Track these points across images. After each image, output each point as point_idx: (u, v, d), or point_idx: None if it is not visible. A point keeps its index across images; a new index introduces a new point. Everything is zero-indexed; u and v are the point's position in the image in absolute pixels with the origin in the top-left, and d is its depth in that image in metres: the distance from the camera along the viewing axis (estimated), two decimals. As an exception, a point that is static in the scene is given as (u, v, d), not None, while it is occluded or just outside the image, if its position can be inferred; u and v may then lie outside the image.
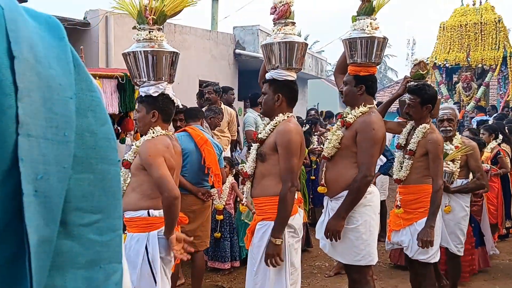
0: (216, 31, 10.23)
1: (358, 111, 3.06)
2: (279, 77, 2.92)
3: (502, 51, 12.05)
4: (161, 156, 2.58)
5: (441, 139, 3.49)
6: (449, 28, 12.70)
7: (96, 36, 6.56)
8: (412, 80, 3.69)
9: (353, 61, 3.12)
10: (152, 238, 2.61)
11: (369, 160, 2.97)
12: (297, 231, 2.87)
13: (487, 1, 12.81)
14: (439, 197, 3.33)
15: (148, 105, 2.70)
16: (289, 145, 2.77)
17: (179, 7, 2.73)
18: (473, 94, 12.36)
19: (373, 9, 3.12)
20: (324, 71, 16.48)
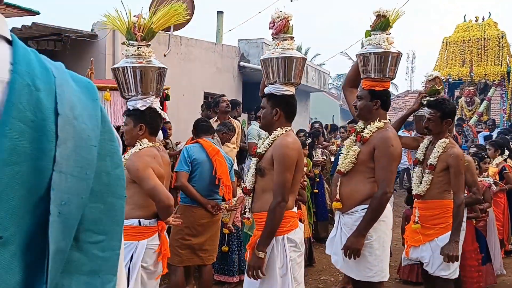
0: (221, 44, 10.28)
1: (374, 126, 3.05)
2: (277, 92, 2.92)
3: (506, 66, 12.10)
4: (149, 167, 2.65)
5: (462, 154, 3.49)
6: (452, 43, 12.76)
7: (103, 47, 6.60)
8: (427, 95, 3.69)
9: (368, 75, 3.12)
10: (141, 247, 2.68)
11: (389, 176, 2.97)
12: (298, 246, 2.86)
13: (490, 17, 12.90)
14: (461, 211, 3.33)
15: (135, 119, 2.78)
16: (283, 159, 2.76)
17: (167, 23, 2.83)
18: (475, 108, 12.39)
19: (388, 24, 3.14)
20: (326, 84, 16.53)
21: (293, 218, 2.88)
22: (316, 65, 17.24)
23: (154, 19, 2.75)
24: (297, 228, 2.88)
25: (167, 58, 7.81)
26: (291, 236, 2.81)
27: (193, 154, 3.95)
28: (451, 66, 12.66)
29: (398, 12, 3.16)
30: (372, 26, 3.18)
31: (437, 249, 3.36)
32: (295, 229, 2.84)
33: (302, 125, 13.66)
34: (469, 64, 12.50)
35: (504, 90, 12.21)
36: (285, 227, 2.80)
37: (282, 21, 2.98)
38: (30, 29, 5.87)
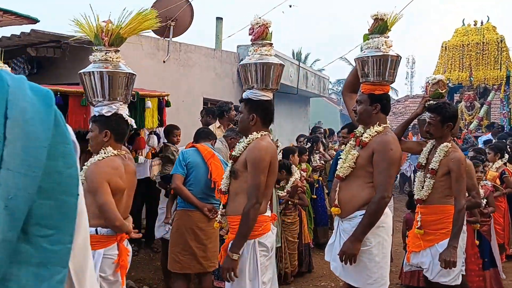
0: (220, 50, 10.30)
1: (373, 130, 3.03)
2: (254, 97, 2.96)
3: (505, 71, 12.09)
4: (105, 181, 2.61)
5: (464, 158, 3.46)
6: (451, 48, 12.76)
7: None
8: (431, 99, 3.67)
9: (367, 79, 3.11)
10: (98, 256, 2.64)
11: (387, 180, 2.93)
12: (269, 250, 2.86)
13: (489, 21, 12.89)
14: (462, 217, 3.30)
15: (100, 125, 2.76)
16: (257, 162, 2.79)
17: (137, 29, 2.83)
18: (475, 113, 12.37)
19: (387, 27, 3.13)
20: (326, 89, 16.54)
21: (265, 222, 2.88)
22: (316, 71, 17.26)
23: (123, 24, 2.74)
24: (269, 232, 2.89)
25: (166, 64, 7.82)
26: (263, 240, 2.82)
27: (188, 157, 3.96)
28: (451, 70, 12.65)
29: (396, 15, 3.14)
30: (370, 30, 3.18)
31: (437, 255, 3.32)
32: (267, 233, 2.85)
33: (302, 130, 13.66)
34: (469, 68, 12.50)
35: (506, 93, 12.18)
36: (256, 231, 2.81)
37: (260, 27, 3.02)
38: (29, 36, 5.88)
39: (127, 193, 2.81)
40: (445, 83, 3.83)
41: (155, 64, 7.65)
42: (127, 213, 2.90)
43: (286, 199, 5.17)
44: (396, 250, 6.55)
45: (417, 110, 3.77)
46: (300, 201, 5.32)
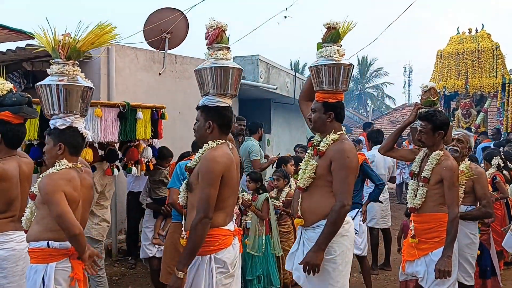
0: (216, 61, 10.33)
1: (330, 138, 3.02)
2: (210, 104, 2.82)
3: (501, 78, 12.14)
4: (60, 191, 2.58)
5: (456, 166, 3.44)
6: (446, 56, 12.83)
7: (97, 67, 6.63)
8: (423, 106, 3.67)
9: (321, 88, 3.09)
10: (50, 269, 2.61)
11: (346, 188, 2.92)
12: (227, 266, 2.71)
13: (483, 29, 12.98)
14: (455, 225, 3.27)
15: (55, 138, 2.74)
16: (206, 174, 2.65)
17: (95, 43, 2.82)
18: (472, 120, 12.41)
19: (339, 36, 3.12)
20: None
21: (223, 236, 2.73)
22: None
23: (81, 38, 2.74)
24: (228, 247, 2.74)
25: (162, 77, 7.85)
26: (219, 256, 2.68)
27: (181, 170, 3.90)
28: (446, 78, 12.71)
29: (349, 24, 3.13)
30: (323, 39, 3.15)
31: (432, 264, 3.30)
32: (225, 249, 2.71)
33: (299, 140, 13.68)
34: (464, 76, 12.56)
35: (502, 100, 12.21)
36: (212, 246, 2.67)
37: (215, 30, 2.90)
38: (25, 51, 5.91)
39: (83, 206, 2.78)
40: (437, 90, 3.83)
41: (151, 76, 7.67)
42: (83, 227, 2.83)
43: (281, 209, 5.15)
44: (395, 259, 6.52)
45: (409, 118, 3.77)
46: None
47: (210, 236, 2.67)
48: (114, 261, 6.40)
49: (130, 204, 6.36)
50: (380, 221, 6.35)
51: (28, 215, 2.76)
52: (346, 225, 3.00)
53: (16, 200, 3.14)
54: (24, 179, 3.20)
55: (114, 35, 2.89)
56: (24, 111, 3.16)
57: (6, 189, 3.06)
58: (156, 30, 7.74)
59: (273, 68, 11.05)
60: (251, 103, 11.28)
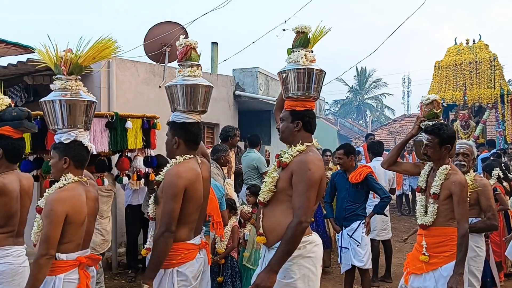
0: (216, 74, 10.41)
1: (295, 150, 2.79)
2: (177, 120, 2.89)
3: (499, 89, 12.16)
4: (63, 213, 2.61)
5: (465, 180, 3.35)
6: (444, 67, 12.86)
7: (98, 80, 6.68)
8: (426, 119, 3.60)
9: (289, 95, 2.91)
10: (58, 282, 2.64)
11: (305, 204, 2.64)
12: (189, 280, 2.72)
13: (481, 40, 13.03)
14: (466, 241, 3.16)
15: (60, 152, 2.78)
16: (168, 188, 2.70)
17: (97, 58, 2.87)
18: (471, 132, 12.40)
19: (308, 41, 2.96)
20: (322, 110, 16.64)
21: (187, 250, 2.76)
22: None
23: (83, 54, 2.80)
24: (192, 260, 2.77)
25: (162, 89, 7.89)
26: (182, 270, 2.71)
27: None
28: (445, 90, 12.71)
29: (322, 29, 2.99)
30: (292, 44, 3.01)
31: (441, 279, 3.21)
32: (188, 262, 2.74)
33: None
34: (463, 87, 12.57)
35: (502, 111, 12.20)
36: (175, 260, 2.71)
37: (184, 48, 2.97)
38: (26, 65, 5.96)
39: (89, 219, 2.81)
40: (439, 103, 3.72)
41: (151, 89, 7.72)
42: (89, 240, 2.90)
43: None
44: (396, 271, 6.51)
45: (412, 131, 3.69)
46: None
47: (173, 250, 2.72)
48: (114, 274, 6.38)
49: (128, 218, 6.36)
50: (380, 233, 6.34)
51: (36, 229, 2.79)
52: (309, 245, 2.75)
53: (16, 215, 3.16)
54: (24, 194, 3.23)
55: (114, 49, 2.93)
56: (25, 126, 3.20)
57: (5, 203, 3.08)
58: (156, 44, 7.82)
59: (273, 80, 11.12)
60: (250, 115, 11.32)
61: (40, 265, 2.56)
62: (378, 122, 36.70)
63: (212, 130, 9.85)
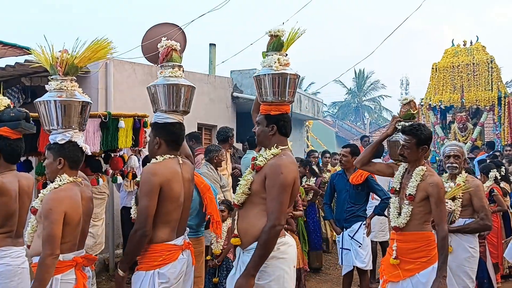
0: (214, 75, 10.42)
1: (270, 153, 2.82)
2: (159, 120, 2.90)
3: (496, 91, 12.18)
4: (62, 212, 2.61)
5: (442, 182, 3.30)
6: (441, 69, 12.88)
7: (96, 82, 6.68)
8: (402, 120, 3.52)
9: (264, 99, 2.93)
10: (56, 282, 2.63)
11: (278, 207, 2.66)
12: (171, 281, 2.74)
13: (478, 41, 13.06)
14: (446, 243, 3.10)
15: (55, 152, 2.78)
16: (143, 185, 2.74)
17: (92, 59, 2.88)
18: (469, 134, 12.42)
19: (281, 44, 2.94)
20: (320, 112, 16.67)
21: (168, 251, 2.76)
22: (310, 94, 17.44)
23: (78, 54, 2.80)
24: (173, 262, 2.77)
25: (160, 91, 7.90)
26: (163, 271, 2.72)
27: None
28: (442, 92, 12.73)
29: (295, 32, 2.97)
30: (267, 47, 3.00)
31: (419, 286, 3.13)
32: (170, 263, 2.75)
33: (297, 153, 13.69)
34: (460, 89, 12.59)
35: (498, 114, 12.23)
36: (156, 261, 2.72)
37: (164, 49, 3.00)
38: (23, 66, 5.96)
39: (84, 219, 2.81)
40: (416, 103, 3.68)
41: (149, 91, 7.71)
42: (84, 240, 2.90)
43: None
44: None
45: (387, 131, 3.58)
46: (289, 226, 5.32)
47: (154, 251, 2.74)
48: (111, 275, 6.37)
49: (124, 219, 6.34)
50: (378, 234, 6.36)
51: (30, 230, 2.80)
52: (283, 246, 2.77)
53: (14, 216, 3.16)
54: (24, 194, 3.23)
55: (110, 50, 2.94)
56: (22, 126, 3.20)
57: (4, 204, 3.08)
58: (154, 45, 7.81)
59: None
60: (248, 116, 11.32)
61: (47, 266, 2.56)
62: (376, 124, 36.74)
63: (210, 132, 9.86)
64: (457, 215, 3.97)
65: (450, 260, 3.79)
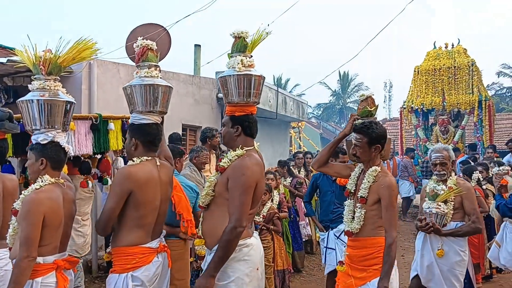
0: (199, 76, 10.41)
1: (234, 154, 2.81)
2: (135, 121, 2.89)
3: (477, 95, 12.33)
4: (41, 213, 2.58)
5: (394, 183, 3.07)
6: (423, 72, 12.98)
7: (79, 82, 6.62)
8: (360, 117, 3.32)
9: (229, 100, 2.92)
10: (35, 285, 2.60)
11: (239, 209, 2.65)
12: (144, 284, 2.72)
13: (459, 44, 13.22)
14: (393, 251, 2.86)
15: (37, 153, 2.74)
16: (112, 186, 2.80)
17: (76, 59, 2.85)
18: (450, 137, 12.56)
19: (245, 45, 2.93)
20: (305, 113, 16.76)
21: (142, 254, 2.74)
22: (295, 96, 17.52)
23: (62, 54, 2.78)
24: (147, 265, 2.75)
25: (145, 92, 7.87)
26: (137, 274, 2.70)
27: None
28: (424, 95, 12.84)
29: (261, 34, 2.95)
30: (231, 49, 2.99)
31: None
32: (144, 266, 2.73)
33: (282, 154, 13.75)
34: (441, 92, 12.71)
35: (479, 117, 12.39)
36: (129, 264, 2.71)
37: (140, 49, 2.97)
38: (6, 66, 5.88)
39: (65, 221, 2.77)
40: (374, 100, 3.50)
41: (133, 91, 7.67)
42: (66, 243, 2.86)
43: (262, 225, 5.17)
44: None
45: (344, 129, 3.38)
46: (275, 227, 5.34)
47: (128, 254, 2.72)
48: (94, 277, 6.32)
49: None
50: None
51: (11, 232, 2.75)
52: (245, 248, 2.74)
53: None
54: (8, 195, 3.18)
55: (94, 50, 2.91)
56: (6, 127, 3.16)
57: None
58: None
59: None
60: (233, 118, 11.33)
61: (22, 268, 2.51)
62: (360, 126, 37.01)
63: (194, 133, 9.84)
64: (449, 218, 3.96)
65: (442, 263, 3.90)
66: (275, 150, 14.08)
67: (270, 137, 13.92)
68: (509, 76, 33.48)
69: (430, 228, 3.93)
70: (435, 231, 3.92)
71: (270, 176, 5.86)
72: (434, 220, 3.95)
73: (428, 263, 4.02)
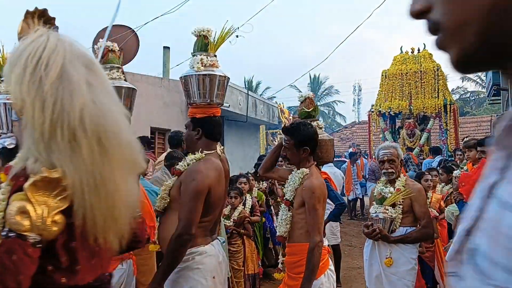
0: (168, 79, 10.29)
1: (191, 157, 2.72)
2: None
3: (442, 99, 12.63)
4: None
5: (317, 185, 2.91)
6: (390, 76, 13.21)
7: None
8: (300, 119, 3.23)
9: (191, 101, 2.81)
10: None
11: (187, 215, 2.51)
12: None
13: (425, 49, 13.51)
14: (316, 257, 2.73)
15: (3, 158, 2.68)
16: None
17: None
18: (416, 140, 12.81)
19: (206, 44, 2.83)
20: (275, 116, 16.82)
21: None
22: (265, 99, 17.57)
23: None
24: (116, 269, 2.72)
25: (112, 94, 7.72)
26: None
27: None
28: (391, 99, 13.07)
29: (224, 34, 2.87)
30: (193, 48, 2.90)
31: None
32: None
33: (252, 157, 13.75)
34: (408, 96, 12.97)
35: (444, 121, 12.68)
36: None
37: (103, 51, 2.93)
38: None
39: None
40: (313, 100, 3.41)
41: (100, 93, 7.51)
42: None
43: (232, 229, 5.14)
44: (344, 275, 6.63)
45: None
46: (245, 231, 5.32)
47: None
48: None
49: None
50: (329, 238, 6.42)
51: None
52: (198, 256, 2.62)
53: None
54: None
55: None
56: None
57: None
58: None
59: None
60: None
61: None
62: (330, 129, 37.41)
63: (163, 136, 9.71)
64: (397, 223, 3.58)
65: (391, 272, 3.53)
66: (245, 153, 14.07)
67: (240, 140, 13.92)
68: (473, 80, 34.54)
69: (378, 234, 3.53)
70: (382, 238, 3.53)
71: (243, 180, 5.82)
72: (382, 225, 3.57)
73: (376, 273, 3.63)
